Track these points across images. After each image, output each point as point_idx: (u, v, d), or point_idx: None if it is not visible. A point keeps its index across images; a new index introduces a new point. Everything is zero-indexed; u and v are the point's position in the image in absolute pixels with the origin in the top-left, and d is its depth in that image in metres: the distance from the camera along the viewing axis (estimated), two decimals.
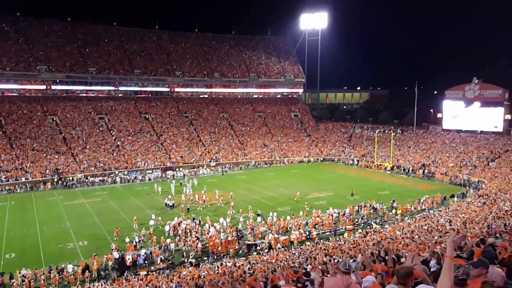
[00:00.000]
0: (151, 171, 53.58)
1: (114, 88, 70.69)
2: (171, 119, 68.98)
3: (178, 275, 20.92)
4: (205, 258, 25.30)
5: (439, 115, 64.91)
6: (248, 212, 33.20)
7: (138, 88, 72.52)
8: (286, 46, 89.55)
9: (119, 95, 71.01)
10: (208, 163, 59.06)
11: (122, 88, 71.32)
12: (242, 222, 30.98)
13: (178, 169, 55.39)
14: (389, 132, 65.17)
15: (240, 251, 26.74)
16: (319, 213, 32.53)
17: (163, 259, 24.92)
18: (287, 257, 21.83)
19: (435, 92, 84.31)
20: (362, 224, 31.79)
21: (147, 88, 73.18)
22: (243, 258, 24.31)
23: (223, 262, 23.38)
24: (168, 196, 39.49)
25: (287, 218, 31.33)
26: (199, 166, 57.84)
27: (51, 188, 46.74)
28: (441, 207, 35.37)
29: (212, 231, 28.31)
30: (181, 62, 78.55)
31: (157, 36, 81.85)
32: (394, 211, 34.38)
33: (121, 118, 65.09)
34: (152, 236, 27.94)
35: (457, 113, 61.77)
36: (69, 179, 48.68)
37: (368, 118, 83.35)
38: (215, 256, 25.38)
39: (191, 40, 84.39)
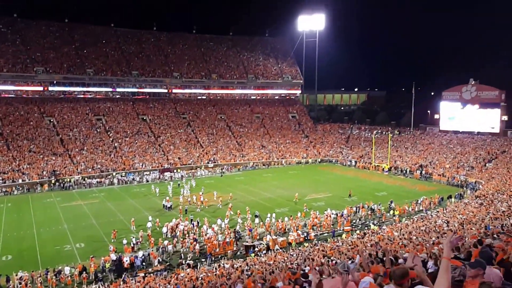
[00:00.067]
0: (148, 173, 53.48)
1: (111, 90, 70.60)
2: (169, 120, 68.92)
3: (176, 277, 20.88)
4: (203, 260, 25.27)
5: (436, 116, 65.12)
6: (246, 213, 33.20)
7: (136, 90, 72.41)
8: (284, 48, 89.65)
9: (117, 96, 70.90)
10: (206, 164, 59.02)
11: (120, 89, 71.22)
12: (241, 224, 30.97)
13: (176, 170, 55.33)
14: (386, 133, 65.33)
15: (238, 253, 26.70)
16: (317, 214, 32.54)
17: (160, 261, 24.87)
18: (285, 258, 21.83)
19: (432, 93, 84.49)
20: (360, 225, 31.82)
21: (144, 90, 73.11)
22: (241, 260, 24.30)
23: (221, 264, 23.36)
24: (166, 197, 39.37)
25: (285, 219, 31.34)
26: (197, 167, 57.79)
27: (48, 189, 46.56)
28: (438, 208, 35.42)
29: (210, 233, 28.28)
30: (179, 63, 78.53)
31: (154, 37, 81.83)
32: (392, 212, 34.41)
33: (118, 120, 64.97)
34: (150, 237, 27.89)
35: (454, 114, 61.98)
36: (66, 180, 48.55)
37: (366, 119, 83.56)
38: (213, 258, 25.34)
39: (189, 41, 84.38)
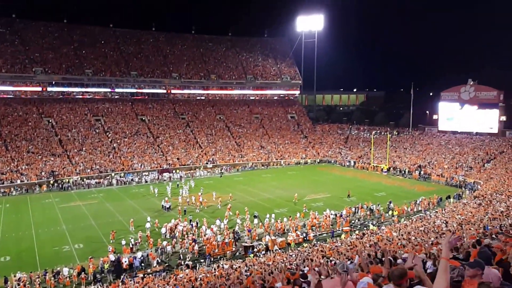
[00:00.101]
0: (147, 173, 53.44)
1: (110, 90, 70.54)
2: (168, 121, 68.88)
3: (175, 277, 20.85)
4: (202, 261, 25.25)
5: (435, 116, 65.22)
6: (244, 214, 33.18)
7: (135, 90, 72.37)
8: (283, 48, 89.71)
9: (116, 97, 70.82)
10: (205, 165, 58.99)
11: (119, 90, 71.16)
12: (240, 224, 30.96)
13: (174, 171, 55.30)
14: (385, 133, 65.38)
15: (237, 253, 26.69)
16: (316, 214, 32.54)
17: (159, 262, 24.84)
18: (284, 259, 21.81)
19: (431, 93, 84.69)
20: (359, 226, 31.83)
21: (143, 90, 73.08)
22: (240, 260, 24.28)
23: (220, 264, 23.34)
24: (165, 198, 39.33)
25: (284, 220, 31.33)
26: (195, 168, 57.77)
27: (46, 190, 46.49)
28: (437, 208, 35.46)
29: (209, 233, 28.27)
30: (177, 63, 78.52)
31: (153, 37, 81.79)
32: (390, 213, 34.43)
33: (117, 120, 64.91)
34: (149, 238, 27.85)
35: (452, 114, 62.07)
36: (65, 181, 48.47)
37: (365, 119, 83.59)
38: (212, 258, 25.31)
39: (188, 41, 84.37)
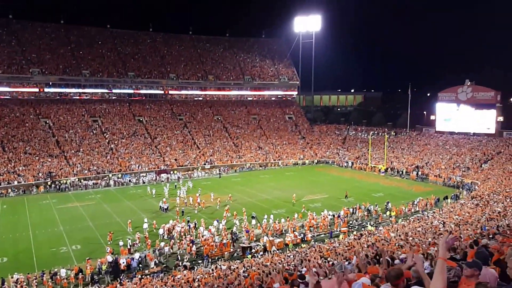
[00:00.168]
0: (145, 174, 53.35)
1: (107, 91, 70.39)
2: (165, 121, 68.80)
3: (173, 278, 20.81)
4: (199, 261, 25.22)
5: (432, 117, 65.38)
6: (242, 214, 33.16)
7: (132, 91, 72.23)
8: (281, 49, 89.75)
9: (113, 97, 70.66)
10: (202, 165, 58.93)
11: (116, 90, 71.00)
12: (238, 225, 30.94)
13: (172, 172, 55.24)
14: (383, 134, 65.47)
15: (235, 254, 26.67)
16: (314, 215, 32.55)
17: (157, 263, 24.79)
18: (282, 259, 21.80)
19: (428, 94, 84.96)
20: (357, 226, 31.86)
21: (141, 91, 72.93)
22: (238, 261, 24.26)
23: (218, 265, 23.31)
24: (163, 199, 39.30)
25: (282, 221, 31.32)
26: (193, 168, 57.71)
27: (44, 191, 46.36)
28: (434, 209, 35.55)
29: (206, 234, 28.23)
30: (175, 64, 78.45)
31: (151, 38, 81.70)
32: (388, 213, 34.49)
33: (114, 121, 64.79)
34: (147, 239, 27.80)
35: (450, 115, 62.22)
36: (62, 182, 48.33)
37: (362, 120, 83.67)
38: (210, 259, 25.28)
39: (185, 42, 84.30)
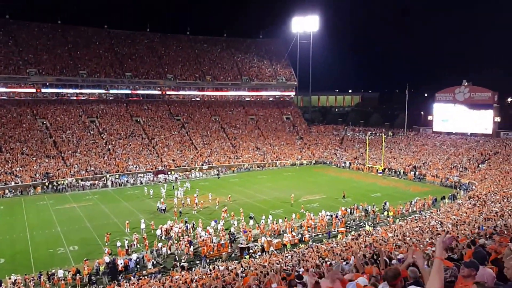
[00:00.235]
0: (142, 175, 53.23)
1: (105, 91, 70.21)
2: (163, 122, 68.70)
3: (170, 279, 20.77)
4: (197, 262, 25.19)
5: (430, 117, 65.52)
6: (239, 215, 33.14)
7: (129, 91, 72.09)
8: (278, 49, 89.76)
9: (110, 98, 70.49)
10: (200, 166, 58.87)
11: (113, 91, 70.85)
12: (236, 226, 30.91)
13: (170, 172, 55.15)
14: (380, 134, 65.61)
15: (233, 255, 26.65)
16: (312, 215, 32.56)
17: (154, 264, 24.75)
18: (280, 260, 21.80)
19: (426, 94, 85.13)
20: (355, 227, 31.89)
21: (138, 91, 72.80)
22: (236, 262, 24.24)
23: (215, 266, 23.29)
24: (161, 200, 39.25)
25: (279, 221, 31.31)
26: (191, 169, 57.63)
27: (41, 192, 46.22)
28: (432, 209, 35.63)
29: (203, 235, 28.19)
30: (172, 65, 78.37)
31: (148, 38, 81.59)
32: (386, 213, 34.54)
33: (112, 122, 64.65)
34: (145, 240, 27.75)
35: (447, 115, 62.38)
36: (59, 183, 48.17)
37: (360, 120, 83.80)
38: (208, 260, 25.25)
39: (182, 42, 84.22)
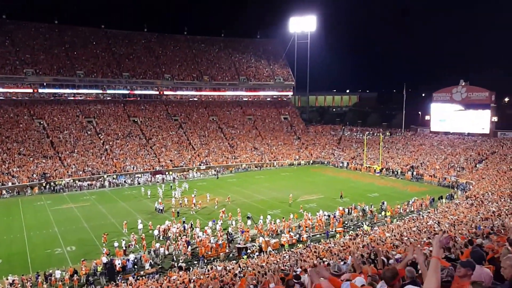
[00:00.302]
0: (140, 175, 53.13)
1: (102, 91, 70.04)
2: (160, 122, 68.60)
3: (168, 279, 20.74)
4: (195, 262, 25.16)
5: (427, 117, 65.70)
6: (237, 215, 33.11)
7: (127, 91, 71.94)
8: (276, 49, 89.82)
9: (107, 98, 70.32)
10: (198, 166, 58.81)
11: (110, 91, 70.69)
12: (234, 226, 30.89)
13: (167, 172, 55.07)
14: (378, 134, 65.70)
15: (231, 255, 26.64)
16: (309, 215, 32.57)
17: (152, 264, 24.70)
18: (278, 260, 21.79)
19: (423, 94, 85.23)
20: (352, 226, 31.93)
21: (135, 91, 72.66)
22: (234, 262, 24.22)
23: (213, 266, 23.26)
24: (158, 200, 39.20)
25: (277, 221, 31.30)
26: (189, 169, 57.58)
27: (38, 192, 46.06)
28: (429, 209, 35.71)
29: (201, 235, 28.15)
30: (170, 65, 78.26)
31: (145, 38, 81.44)
32: (383, 213, 34.60)
33: (109, 122, 64.52)
34: (143, 240, 27.69)
35: (444, 115, 62.57)
36: (57, 183, 48.02)
37: (357, 120, 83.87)
38: (206, 260, 25.23)
39: (180, 42, 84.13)
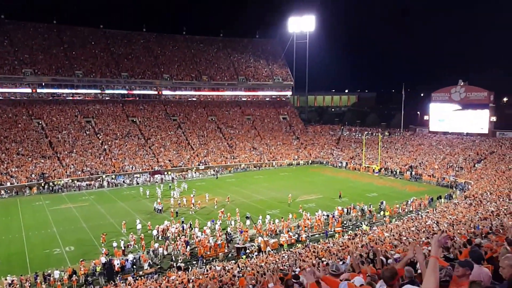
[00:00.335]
0: (139, 175, 53.08)
1: (100, 91, 69.95)
2: (159, 122, 68.54)
3: (167, 279, 20.71)
4: (194, 262, 25.14)
5: (426, 117, 65.76)
6: (235, 215, 33.10)
7: (125, 91, 71.86)
8: (275, 49, 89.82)
9: (106, 98, 70.22)
10: (197, 166, 58.77)
11: (109, 91, 70.59)
12: (233, 226, 30.88)
13: (166, 172, 55.02)
14: (376, 134, 65.73)
15: (230, 255, 26.63)
16: (308, 215, 32.58)
17: (151, 264, 24.67)
18: (277, 260, 21.78)
19: (422, 94, 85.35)
20: (351, 226, 31.94)
21: (134, 91, 72.57)
22: (233, 262, 24.20)
23: (212, 266, 23.24)
24: (157, 200, 39.17)
25: (276, 221, 31.30)
26: (187, 169, 57.53)
27: (37, 193, 45.99)
28: (428, 209, 35.72)
29: (200, 235, 28.13)
30: (169, 65, 78.19)
31: (144, 38, 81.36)
32: (382, 213, 34.62)
33: (108, 122, 64.43)
34: (142, 240, 27.66)
35: (443, 115, 62.63)
36: (55, 183, 47.94)
37: (356, 120, 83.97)
38: (204, 260, 25.22)
39: (179, 42, 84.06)
